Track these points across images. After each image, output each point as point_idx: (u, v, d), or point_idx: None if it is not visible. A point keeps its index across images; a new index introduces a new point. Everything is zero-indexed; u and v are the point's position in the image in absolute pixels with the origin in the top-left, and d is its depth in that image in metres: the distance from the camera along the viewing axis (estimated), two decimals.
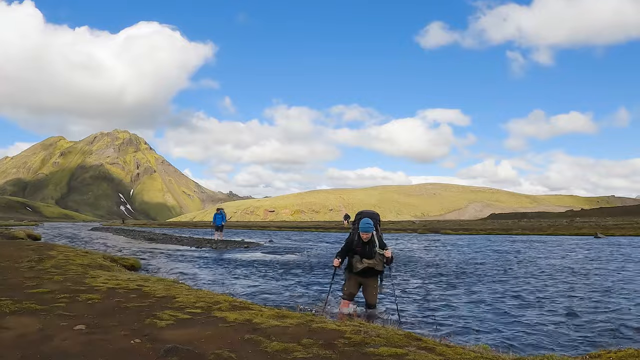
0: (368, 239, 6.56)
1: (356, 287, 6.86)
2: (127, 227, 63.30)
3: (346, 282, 6.95)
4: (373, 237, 6.60)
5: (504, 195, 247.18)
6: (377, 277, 6.79)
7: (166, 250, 20.44)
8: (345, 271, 7.00)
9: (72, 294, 6.11)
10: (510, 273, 12.61)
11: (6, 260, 10.07)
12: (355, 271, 6.72)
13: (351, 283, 6.83)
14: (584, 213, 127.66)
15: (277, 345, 3.98)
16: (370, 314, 6.65)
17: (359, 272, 6.69)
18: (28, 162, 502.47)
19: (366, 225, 6.53)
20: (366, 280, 6.78)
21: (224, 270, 12.99)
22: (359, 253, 6.65)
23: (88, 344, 3.88)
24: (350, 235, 6.87)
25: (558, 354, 4.87)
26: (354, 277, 6.80)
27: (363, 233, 6.52)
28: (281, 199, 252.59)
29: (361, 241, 6.60)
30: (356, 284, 6.84)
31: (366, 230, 6.52)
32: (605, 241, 29.04)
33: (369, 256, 6.59)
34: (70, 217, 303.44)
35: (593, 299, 8.64)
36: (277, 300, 8.22)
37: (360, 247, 6.62)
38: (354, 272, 6.73)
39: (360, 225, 6.58)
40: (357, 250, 6.65)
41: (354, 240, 6.70)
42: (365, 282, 6.80)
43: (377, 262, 6.60)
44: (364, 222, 6.56)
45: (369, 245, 6.59)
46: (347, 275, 6.92)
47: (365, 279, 6.77)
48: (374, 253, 6.56)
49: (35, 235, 28.16)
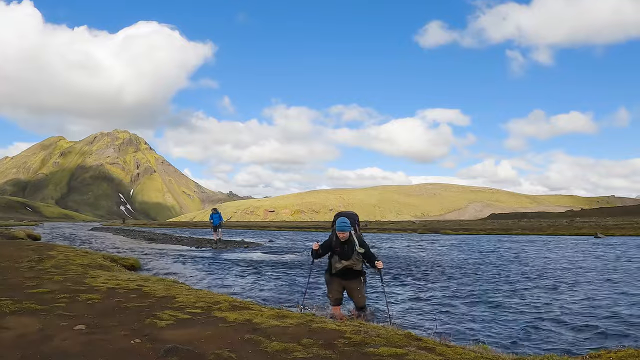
0: (346, 239, 6.44)
1: (340, 291, 6.73)
2: (127, 227, 63.32)
3: (328, 286, 6.81)
4: (351, 236, 6.49)
5: (504, 195, 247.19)
6: (359, 278, 6.66)
7: (166, 250, 20.44)
8: (325, 274, 6.88)
9: (72, 294, 6.12)
10: (510, 273, 12.61)
11: (6, 260, 10.07)
12: (334, 272, 6.61)
13: (334, 287, 6.71)
14: (584, 213, 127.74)
15: (277, 345, 3.98)
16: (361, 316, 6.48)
17: (338, 273, 6.59)
18: (28, 162, 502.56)
19: (342, 224, 6.42)
20: (349, 283, 6.64)
21: (223, 270, 12.99)
22: (337, 253, 6.54)
23: (88, 344, 3.88)
24: (330, 236, 6.75)
25: (558, 354, 4.87)
26: (336, 280, 6.68)
27: (340, 232, 6.41)
28: (281, 199, 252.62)
29: (339, 241, 6.50)
30: (339, 287, 6.71)
31: (342, 229, 6.40)
32: (606, 241, 29.04)
33: (346, 256, 6.47)
34: (70, 217, 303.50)
35: (593, 299, 8.64)
36: (277, 300, 8.23)
37: (339, 247, 6.52)
38: (334, 273, 6.62)
39: (336, 225, 6.49)
40: (336, 250, 6.55)
41: (333, 241, 6.59)
42: (348, 285, 6.67)
43: (355, 261, 6.49)
44: (340, 222, 6.46)
45: (347, 245, 6.48)
46: (328, 278, 6.78)
47: (347, 282, 6.65)
48: (352, 253, 6.45)
49: (35, 235, 28.17)
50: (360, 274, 6.63)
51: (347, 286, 6.67)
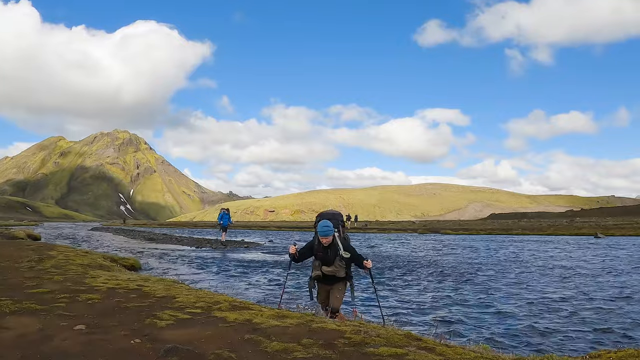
0: (329, 243, 5.92)
1: (326, 295, 6.24)
2: (127, 227, 63.32)
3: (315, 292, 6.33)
4: (335, 239, 5.96)
5: (504, 195, 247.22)
6: (344, 281, 6.10)
7: (166, 250, 20.44)
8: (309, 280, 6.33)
9: (72, 294, 6.11)
10: (509, 273, 12.61)
11: (6, 260, 10.07)
12: (314, 277, 6.12)
13: (320, 294, 6.27)
14: (584, 213, 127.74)
15: (277, 345, 3.98)
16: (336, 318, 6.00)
17: (320, 279, 6.10)
18: (28, 162, 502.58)
19: (324, 228, 5.88)
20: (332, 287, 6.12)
21: (223, 270, 12.99)
22: (319, 258, 6.03)
23: (88, 344, 3.88)
24: (312, 239, 6.24)
25: (558, 354, 4.87)
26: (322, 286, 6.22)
27: (322, 237, 5.87)
28: (281, 199, 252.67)
29: (322, 245, 5.97)
30: (325, 292, 6.24)
31: (325, 234, 5.86)
32: (606, 241, 29.04)
33: (328, 262, 5.93)
34: (70, 217, 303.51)
35: (593, 299, 8.64)
36: (276, 300, 8.23)
37: (321, 251, 6.00)
38: (314, 277, 6.13)
39: (318, 229, 5.94)
40: (318, 255, 6.04)
41: (315, 244, 6.08)
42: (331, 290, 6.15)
43: (337, 268, 5.92)
44: (321, 226, 5.91)
45: (330, 249, 5.95)
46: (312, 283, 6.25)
47: (331, 286, 6.13)
48: (335, 258, 5.91)
49: (35, 235, 28.17)
50: (345, 279, 6.09)
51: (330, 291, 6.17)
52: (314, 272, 6.11)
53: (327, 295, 6.21)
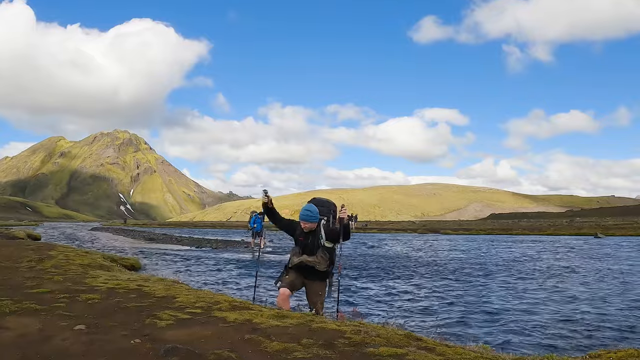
0: (311, 229, 5.34)
1: (300, 280, 5.48)
2: (127, 227, 63.35)
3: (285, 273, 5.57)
4: (319, 227, 5.35)
5: (504, 195, 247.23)
6: (323, 281, 5.48)
7: (166, 250, 20.44)
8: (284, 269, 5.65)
9: (72, 294, 6.11)
10: (509, 273, 12.61)
11: (6, 260, 10.06)
12: (291, 265, 5.45)
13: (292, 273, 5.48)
14: (584, 213, 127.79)
15: (277, 345, 3.97)
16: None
17: (298, 268, 5.42)
18: (28, 162, 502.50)
19: (306, 212, 5.32)
20: (310, 283, 5.48)
21: (223, 270, 12.99)
22: (299, 244, 5.41)
23: (88, 344, 3.88)
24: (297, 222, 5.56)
25: (558, 354, 4.87)
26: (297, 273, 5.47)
27: (303, 222, 5.32)
28: (281, 199, 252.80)
29: (304, 231, 5.39)
30: (299, 277, 5.47)
31: (305, 218, 5.29)
32: (606, 241, 29.03)
33: (310, 251, 5.34)
34: (70, 217, 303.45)
35: (593, 299, 8.65)
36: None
37: (302, 237, 5.39)
38: (291, 266, 5.47)
39: (300, 213, 5.36)
40: (300, 240, 5.41)
41: (297, 229, 5.48)
42: (309, 286, 5.50)
43: (319, 260, 5.29)
44: (304, 209, 5.36)
45: (312, 236, 5.35)
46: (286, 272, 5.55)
47: (309, 282, 5.48)
48: (318, 248, 5.32)
49: (35, 235, 28.17)
50: (325, 276, 5.46)
51: (307, 286, 5.50)
52: (292, 259, 5.44)
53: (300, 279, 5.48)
